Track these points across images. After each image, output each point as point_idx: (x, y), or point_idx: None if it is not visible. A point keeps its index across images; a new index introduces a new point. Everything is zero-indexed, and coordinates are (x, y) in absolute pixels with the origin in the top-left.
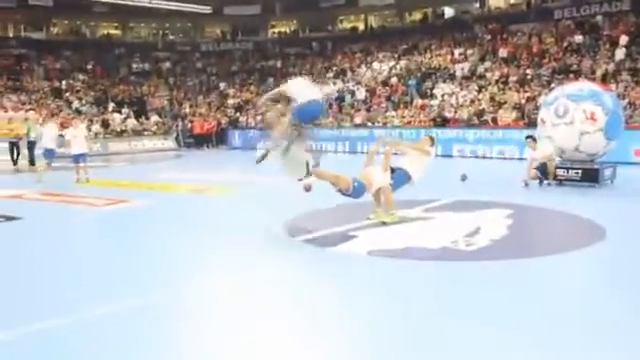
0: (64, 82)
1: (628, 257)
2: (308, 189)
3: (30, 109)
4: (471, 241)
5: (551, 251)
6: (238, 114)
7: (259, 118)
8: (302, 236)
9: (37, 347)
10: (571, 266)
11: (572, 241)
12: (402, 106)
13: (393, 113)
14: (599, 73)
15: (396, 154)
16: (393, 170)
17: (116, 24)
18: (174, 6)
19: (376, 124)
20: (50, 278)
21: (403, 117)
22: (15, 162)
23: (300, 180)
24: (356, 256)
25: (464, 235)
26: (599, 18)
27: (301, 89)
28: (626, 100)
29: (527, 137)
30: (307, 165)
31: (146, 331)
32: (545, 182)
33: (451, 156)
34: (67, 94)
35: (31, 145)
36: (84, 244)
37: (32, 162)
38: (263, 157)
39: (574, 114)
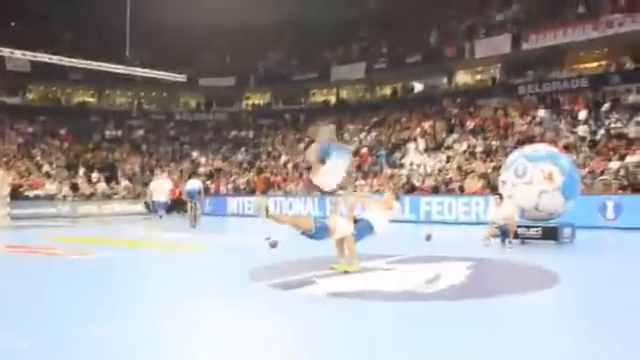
0: (35, 146)
1: (581, 299)
2: (274, 246)
3: None
4: (430, 286)
5: (508, 293)
6: (209, 181)
7: (230, 186)
8: (264, 281)
9: None
10: (526, 306)
11: (529, 285)
12: (372, 175)
13: (363, 182)
14: (561, 144)
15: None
16: (356, 221)
17: (92, 91)
18: (150, 74)
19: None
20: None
21: (372, 186)
22: None
23: (267, 239)
24: (315, 297)
25: (424, 281)
26: (560, 95)
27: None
28: (587, 169)
29: (495, 194)
30: (267, 209)
31: None
32: (507, 241)
33: (417, 222)
34: (38, 158)
35: None
36: (43, 291)
37: None
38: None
39: (533, 174)
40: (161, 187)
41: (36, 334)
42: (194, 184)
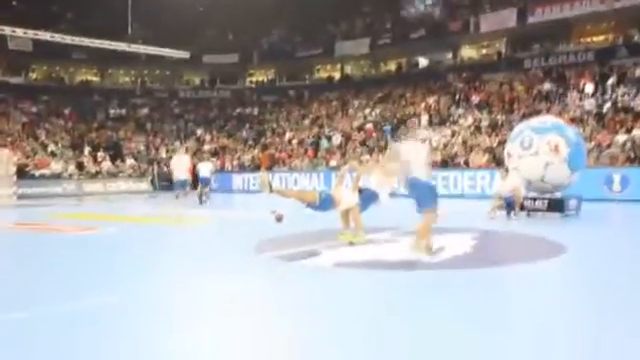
0: (40, 126)
1: (586, 268)
2: (280, 219)
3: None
4: (435, 256)
5: (512, 262)
6: (214, 159)
7: (235, 163)
8: (269, 253)
9: None
10: (531, 274)
11: (533, 255)
12: (377, 150)
13: (367, 157)
14: (567, 117)
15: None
16: (361, 191)
17: (95, 70)
18: (153, 51)
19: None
20: None
21: (377, 161)
22: None
23: (273, 212)
24: (321, 268)
25: None
26: (566, 68)
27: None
28: (593, 143)
29: (501, 167)
30: (270, 184)
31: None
32: (512, 213)
33: None
34: (43, 138)
35: None
36: (48, 266)
37: None
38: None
39: (539, 145)
40: (179, 164)
41: (39, 308)
42: (206, 170)
